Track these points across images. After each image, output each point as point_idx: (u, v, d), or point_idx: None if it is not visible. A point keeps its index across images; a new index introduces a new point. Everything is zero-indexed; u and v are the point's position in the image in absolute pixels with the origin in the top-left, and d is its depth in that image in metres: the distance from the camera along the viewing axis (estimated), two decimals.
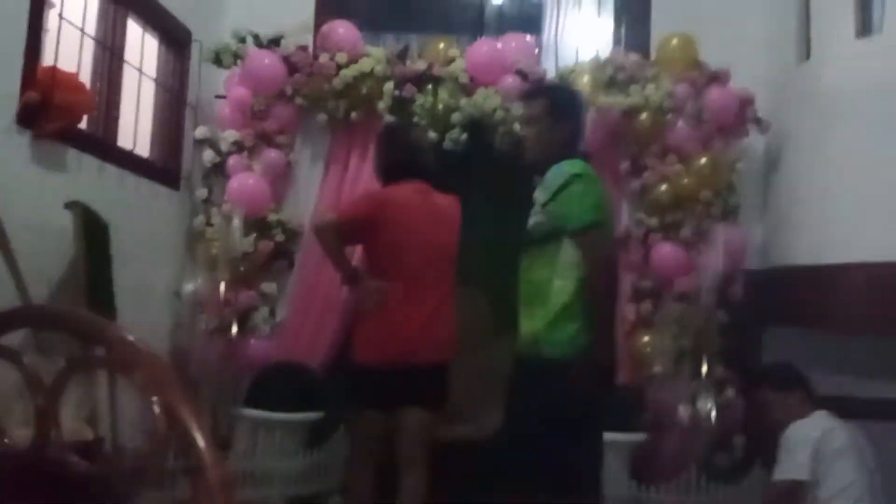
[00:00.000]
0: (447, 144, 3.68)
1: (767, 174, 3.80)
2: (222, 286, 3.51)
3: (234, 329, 3.53)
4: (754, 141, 3.82)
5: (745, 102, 3.68)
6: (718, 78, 3.67)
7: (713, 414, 3.35)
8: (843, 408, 3.49)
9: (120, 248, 2.96)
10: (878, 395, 3.51)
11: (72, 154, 2.89)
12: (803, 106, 3.51)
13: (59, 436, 1.03)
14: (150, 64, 3.65)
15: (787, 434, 2.75)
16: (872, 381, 3.52)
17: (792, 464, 2.68)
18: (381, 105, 3.69)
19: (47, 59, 2.70)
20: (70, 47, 2.88)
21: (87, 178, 2.99)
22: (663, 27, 3.92)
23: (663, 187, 3.63)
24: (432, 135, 3.68)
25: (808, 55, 3.53)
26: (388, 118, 3.69)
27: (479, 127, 3.69)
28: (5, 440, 1.12)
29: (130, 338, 0.96)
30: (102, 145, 3.16)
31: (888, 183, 3.08)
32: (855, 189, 3.19)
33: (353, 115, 3.73)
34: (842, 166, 3.25)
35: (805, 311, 3.39)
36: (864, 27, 3.27)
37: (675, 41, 3.75)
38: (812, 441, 2.68)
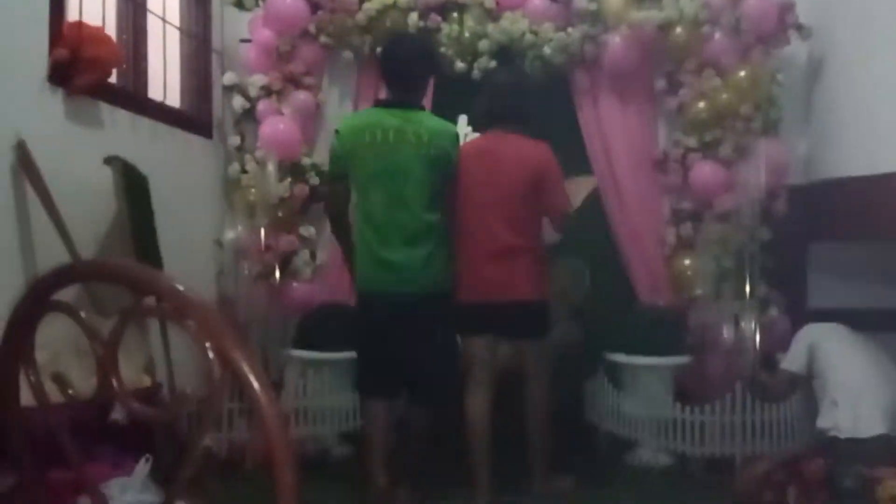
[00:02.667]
0: (476, 74, 3.61)
1: (810, 84, 3.66)
2: (262, 232, 3.56)
3: (277, 274, 3.59)
4: (796, 50, 3.67)
5: (786, 8, 3.52)
6: None
7: (757, 333, 3.34)
8: (889, 320, 3.45)
9: (159, 200, 3.00)
10: None
11: (105, 109, 2.90)
12: (847, 9, 3.35)
13: (121, 384, 1.06)
14: (173, 12, 3.62)
15: (796, 334, 3.10)
16: None
17: (790, 357, 3.05)
18: None
19: (72, 15, 2.69)
20: (93, 1, 2.86)
21: (121, 133, 3.01)
22: None
23: (701, 104, 3.53)
24: (460, 64, 3.61)
25: None
26: None
27: (508, 53, 3.61)
28: (70, 392, 1.16)
29: (181, 287, 0.98)
30: (134, 98, 3.17)
31: None
32: None
33: (379, 49, 3.67)
34: (887, 73, 3.11)
35: (852, 223, 3.30)
36: None
37: None
38: (809, 340, 3.01)
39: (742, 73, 3.46)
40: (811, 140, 3.65)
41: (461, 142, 2.96)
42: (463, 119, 3.57)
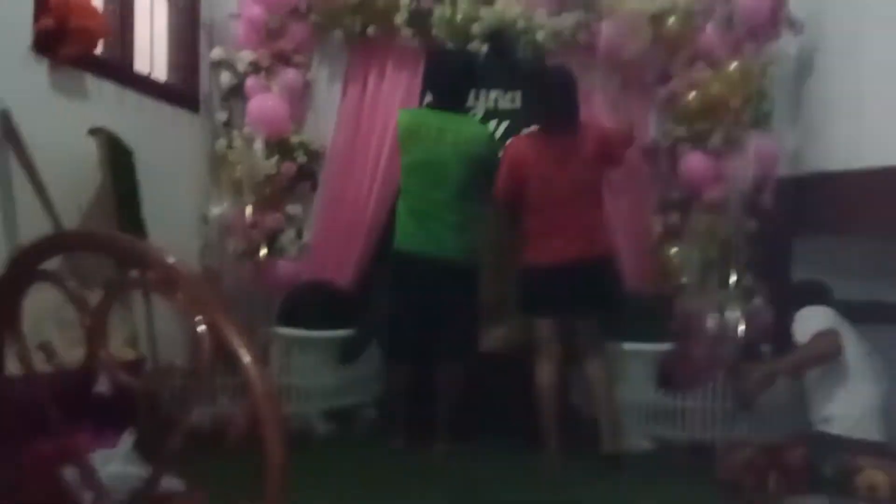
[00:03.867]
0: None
1: (800, 78, 3.67)
2: (248, 209, 3.53)
3: (263, 251, 3.56)
4: (787, 44, 3.67)
5: (778, 2, 3.52)
6: None
7: (741, 323, 3.36)
8: (875, 314, 3.49)
9: (144, 174, 2.96)
10: None
11: (90, 80, 2.86)
12: (837, 4, 3.37)
13: (108, 355, 1.05)
14: None
15: (803, 312, 2.78)
16: None
17: (805, 331, 2.69)
18: (398, 19, 3.59)
19: None
20: None
21: (107, 105, 2.97)
22: None
23: (692, 95, 3.53)
24: (452, 46, 3.59)
25: None
26: (406, 32, 3.60)
27: (500, 37, 3.59)
28: (55, 361, 1.15)
29: (171, 259, 0.97)
30: (120, 70, 3.12)
31: None
32: (891, 91, 3.07)
33: (370, 30, 3.64)
34: (877, 68, 3.13)
35: (838, 217, 3.33)
36: None
37: None
38: (826, 321, 2.70)
39: (733, 66, 3.46)
40: (800, 133, 3.67)
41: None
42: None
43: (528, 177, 3.12)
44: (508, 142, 3.43)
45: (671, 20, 3.48)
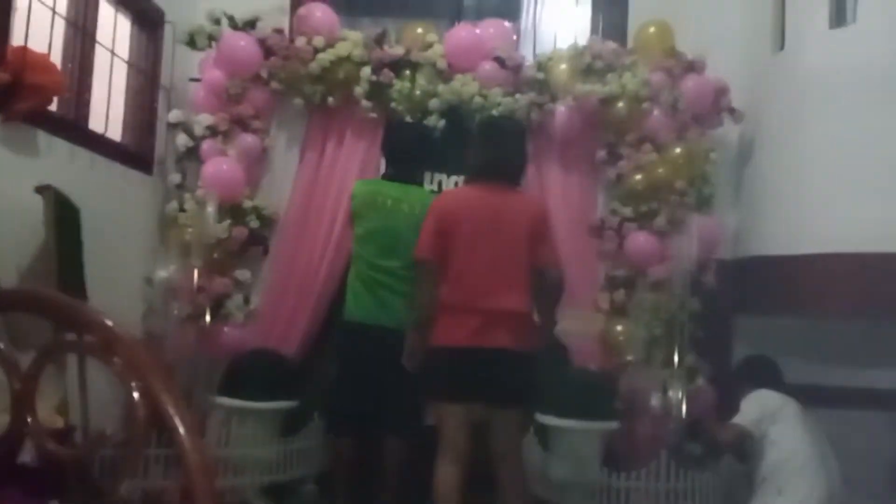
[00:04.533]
0: None
1: (741, 164, 3.85)
2: (195, 273, 3.46)
3: (208, 316, 3.49)
4: (729, 131, 3.86)
5: (721, 92, 3.71)
6: (694, 67, 3.70)
7: (684, 402, 3.40)
8: (813, 396, 3.57)
9: (91, 234, 2.91)
10: (846, 384, 3.59)
11: (42, 137, 2.82)
12: (777, 96, 3.56)
13: (36, 423, 1.01)
14: (123, 45, 3.58)
15: (749, 396, 3.07)
16: (841, 369, 3.60)
17: (743, 416, 2.99)
18: (358, 90, 3.66)
19: (17, 39, 2.63)
20: (40, 27, 2.81)
21: (57, 162, 2.93)
22: (640, 15, 3.94)
23: (638, 176, 3.65)
24: (410, 120, 3.67)
25: (782, 46, 3.57)
26: (366, 104, 3.67)
27: (457, 113, 3.69)
28: None
29: (110, 322, 0.95)
30: (74, 128, 3.10)
31: (859, 174, 3.14)
32: (827, 180, 3.24)
33: (330, 99, 3.70)
34: (814, 157, 3.30)
35: (777, 299, 3.44)
36: (838, 18, 3.31)
37: (651, 29, 3.77)
38: (765, 406, 2.98)
39: (678, 150, 3.61)
40: (741, 217, 3.81)
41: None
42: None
43: (454, 233, 2.78)
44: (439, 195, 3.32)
45: (620, 104, 3.63)
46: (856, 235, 3.10)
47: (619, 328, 3.62)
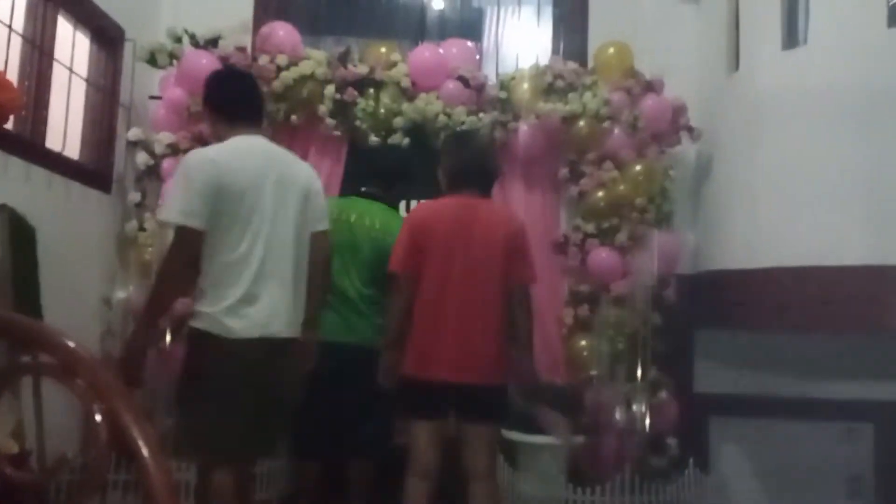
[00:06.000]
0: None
1: (699, 181, 3.93)
2: None
3: (168, 338, 3.43)
4: (687, 149, 3.95)
5: (678, 111, 3.80)
6: (653, 87, 3.79)
7: (647, 416, 3.44)
8: (769, 407, 3.64)
9: (48, 253, 2.85)
10: (804, 395, 3.67)
11: None
12: (733, 115, 3.65)
13: None
14: (82, 63, 3.53)
15: None
16: (799, 381, 3.69)
17: None
18: (322, 108, 3.66)
19: None
20: None
21: (13, 181, 2.87)
22: (600, 36, 4.02)
23: (600, 193, 3.71)
24: (374, 139, 3.68)
25: (737, 66, 3.67)
26: (330, 122, 3.67)
27: (421, 132, 3.70)
28: None
29: (72, 344, 0.93)
30: (30, 146, 3.04)
31: (813, 190, 3.23)
32: (780, 194, 3.33)
33: (293, 118, 3.69)
34: (769, 174, 3.39)
35: (734, 313, 3.51)
36: (790, 40, 3.42)
37: (611, 50, 3.85)
38: None
39: (638, 168, 3.68)
40: (699, 233, 3.89)
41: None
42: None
43: (428, 247, 2.66)
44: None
45: (581, 123, 3.69)
46: (809, 250, 3.19)
47: (583, 343, 3.65)
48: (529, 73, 3.78)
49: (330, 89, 3.65)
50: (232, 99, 2.56)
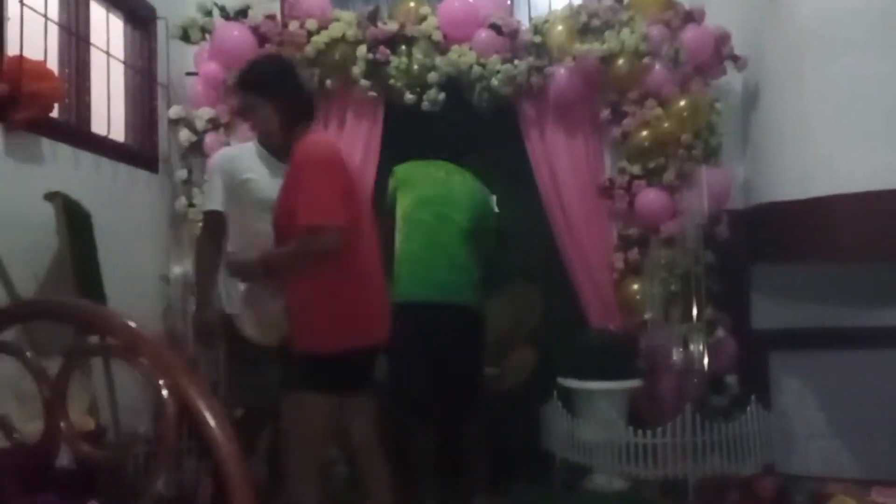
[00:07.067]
0: (425, 105, 3.65)
1: (747, 112, 3.81)
2: None
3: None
4: (732, 80, 3.81)
5: (721, 40, 3.66)
6: (693, 17, 3.65)
7: (706, 355, 3.41)
8: (831, 338, 3.56)
9: (103, 236, 2.93)
10: (865, 324, 3.58)
11: (46, 144, 2.83)
12: (778, 40, 3.50)
13: (70, 427, 1.03)
14: (117, 45, 3.57)
15: None
16: (859, 311, 3.59)
17: None
18: (356, 70, 3.64)
19: (12, 49, 2.63)
20: (34, 34, 2.80)
21: (63, 168, 2.94)
22: None
23: (644, 133, 3.62)
24: (410, 96, 3.65)
25: None
26: (364, 83, 3.65)
27: (456, 85, 3.66)
28: (15, 436, 1.12)
29: (133, 324, 0.96)
30: (76, 133, 3.10)
31: (865, 112, 3.10)
32: (833, 120, 3.20)
33: (328, 82, 3.69)
34: (819, 99, 3.26)
35: (791, 245, 3.42)
36: None
37: None
38: None
39: (682, 103, 3.58)
40: (749, 166, 3.79)
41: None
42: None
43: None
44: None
45: (620, 61, 3.59)
46: (865, 174, 3.07)
47: (634, 287, 3.62)
48: (563, 15, 3.69)
49: (362, 50, 3.62)
50: (308, 98, 2.41)
